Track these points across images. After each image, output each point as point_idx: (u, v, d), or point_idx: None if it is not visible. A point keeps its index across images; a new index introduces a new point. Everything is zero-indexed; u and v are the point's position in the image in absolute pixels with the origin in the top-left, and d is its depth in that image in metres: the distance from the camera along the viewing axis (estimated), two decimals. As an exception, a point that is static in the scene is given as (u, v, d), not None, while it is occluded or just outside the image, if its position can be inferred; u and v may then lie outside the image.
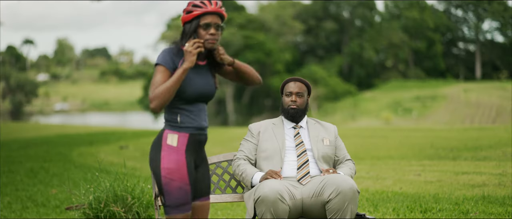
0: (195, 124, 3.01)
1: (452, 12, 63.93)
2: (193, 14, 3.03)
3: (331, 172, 4.07)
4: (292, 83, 4.22)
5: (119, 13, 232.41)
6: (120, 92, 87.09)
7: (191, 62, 2.92)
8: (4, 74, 69.40)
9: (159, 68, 2.96)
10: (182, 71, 2.91)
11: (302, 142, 4.15)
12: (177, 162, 2.93)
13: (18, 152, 14.83)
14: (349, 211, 3.81)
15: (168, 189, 2.93)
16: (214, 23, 3.02)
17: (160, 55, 3.01)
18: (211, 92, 3.06)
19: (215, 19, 3.02)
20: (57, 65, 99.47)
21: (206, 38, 3.00)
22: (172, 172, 2.92)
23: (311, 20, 60.23)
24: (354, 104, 48.49)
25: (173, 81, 2.89)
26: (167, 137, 2.98)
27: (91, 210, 5.32)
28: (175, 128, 2.98)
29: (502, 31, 61.07)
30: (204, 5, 3.02)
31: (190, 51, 2.94)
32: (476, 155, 11.26)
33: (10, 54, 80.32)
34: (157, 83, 2.90)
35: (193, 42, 2.97)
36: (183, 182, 2.94)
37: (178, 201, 2.94)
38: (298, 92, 4.18)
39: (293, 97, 4.17)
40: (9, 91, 70.12)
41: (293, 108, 4.18)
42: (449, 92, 46.71)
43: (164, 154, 2.94)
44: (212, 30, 3.01)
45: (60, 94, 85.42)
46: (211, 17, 3.01)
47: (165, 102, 2.87)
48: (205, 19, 3.01)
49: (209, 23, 3.00)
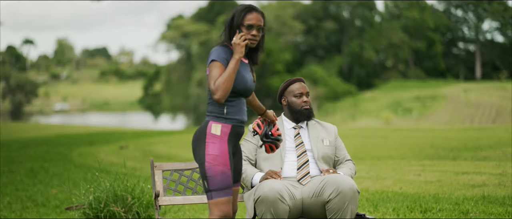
0: (237, 117, 3.28)
1: (452, 12, 63.92)
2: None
3: (331, 172, 4.07)
4: (298, 84, 4.24)
5: (119, 13, 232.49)
6: (120, 92, 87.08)
7: (241, 53, 3.21)
8: (4, 74, 69.40)
9: (215, 63, 3.20)
10: (235, 62, 3.19)
11: (302, 142, 4.15)
12: (220, 149, 3.21)
13: (18, 152, 14.83)
14: (349, 211, 3.81)
15: (212, 173, 3.20)
16: (257, 25, 3.31)
17: (213, 52, 3.24)
18: (253, 88, 3.41)
19: (258, 21, 3.31)
20: (57, 65, 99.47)
21: (248, 38, 3.28)
22: (216, 158, 3.20)
23: (311, 20, 60.21)
24: (354, 104, 48.49)
25: (230, 71, 3.17)
26: (211, 127, 3.24)
27: (91, 210, 5.32)
28: (220, 119, 3.25)
29: (502, 31, 61.05)
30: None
31: (239, 44, 3.22)
32: (476, 155, 11.26)
33: (10, 54, 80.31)
34: (215, 76, 3.16)
35: (240, 35, 3.24)
36: (225, 167, 3.21)
37: (222, 185, 3.20)
38: (307, 92, 4.24)
39: (305, 98, 4.22)
40: (9, 91, 70.12)
41: (307, 109, 4.22)
42: (449, 92, 46.71)
43: (208, 142, 3.22)
44: (254, 31, 3.30)
45: (60, 94, 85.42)
46: (255, 19, 3.30)
47: (227, 91, 3.15)
48: (249, 20, 3.29)
49: (252, 25, 3.28)
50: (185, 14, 70.67)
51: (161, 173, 4.33)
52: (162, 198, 4.27)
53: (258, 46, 3.40)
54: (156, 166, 4.32)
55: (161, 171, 4.34)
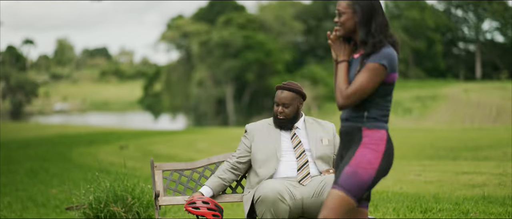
0: (341, 115, 3.16)
1: (452, 12, 63.89)
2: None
3: (331, 171, 4.07)
4: (279, 92, 4.18)
5: (119, 13, 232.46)
6: (120, 92, 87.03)
7: (333, 54, 3.07)
8: (4, 74, 69.37)
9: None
10: (334, 64, 3.09)
11: (300, 142, 4.14)
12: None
13: (18, 152, 14.83)
14: (349, 211, 3.81)
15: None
16: (337, 10, 3.06)
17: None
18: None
19: (338, 6, 3.06)
20: (57, 65, 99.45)
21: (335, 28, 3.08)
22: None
23: (311, 20, 60.17)
24: (354, 104, 48.43)
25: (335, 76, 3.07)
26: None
27: (91, 210, 5.32)
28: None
29: (502, 31, 61.01)
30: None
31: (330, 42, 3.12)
32: (477, 155, 11.26)
33: (10, 54, 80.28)
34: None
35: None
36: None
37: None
38: (284, 104, 4.14)
39: (280, 108, 4.15)
40: (9, 91, 70.09)
41: (280, 119, 4.17)
42: (449, 92, 46.69)
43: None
44: (336, 18, 3.07)
45: (60, 94, 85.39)
46: (337, 5, 3.06)
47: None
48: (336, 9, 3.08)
49: (335, 12, 3.07)
50: (185, 14, 70.64)
51: (161, 173, 4.33)
52: (162, 198, 4.27)
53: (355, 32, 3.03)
54: (156, 166, 4.32)
55: (161, 171, 4.33)
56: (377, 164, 2.95)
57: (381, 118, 3.00)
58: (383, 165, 2.96)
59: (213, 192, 4.14)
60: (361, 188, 2.94)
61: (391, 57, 2.97)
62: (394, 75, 3.01)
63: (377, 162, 2.95)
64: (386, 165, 2.98)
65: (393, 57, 2.98)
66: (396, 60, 3.00)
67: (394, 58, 2.98)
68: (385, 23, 3.02)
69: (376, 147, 2.97)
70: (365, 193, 2.97)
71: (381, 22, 3.00)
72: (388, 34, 3.02)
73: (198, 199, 3.95)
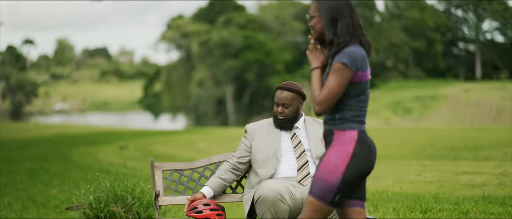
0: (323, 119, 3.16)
1: (452, 12, 63.89)
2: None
3: (331, 172, 4.07)
4: (279, 92, 4.18)
5: (119, 13, 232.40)
6: (120, 92, 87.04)
7: (312, 61, 3.09)
8: (4, 74, 69.36)
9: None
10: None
11: (300, 142, 4.14)
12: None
13: (18, 152, 14.83)
14: (349, 211, 3.81)
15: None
16: (308, 14, 3.13)
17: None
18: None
19: (310, 10, 3.13)
20: (57, 65, 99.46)
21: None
22: None
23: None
24: (354, 104, 48.45)
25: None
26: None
27: (91, 210, 5.32)
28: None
29: (502, 31, 61.00)
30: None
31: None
32: (476, 155, 11.25)
33: (10, 54, 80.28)
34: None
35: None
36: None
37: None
38: (284, 104, 4.14)
39: (280, 108, 4.15)
40: (9, 91, 70.09)
41: (279, 119, 4.17)
42: (449, 92, 46.68)
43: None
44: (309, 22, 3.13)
45: (60, 94, 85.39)
46: (310, 9, 3.14)
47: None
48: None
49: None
50: (185, 14, 70.63)
51: (161, 173, 4.33)
52: (162, 198, 4.27)
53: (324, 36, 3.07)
54: (156, 166, 4.32)
55: (161, 171, 4.33)
56: (343, 166, 2.91)
57: (353, 118, 2.97)
58: (353, 167, 2.92)
59: (214, 192, 4.14)
60: (329, 191, 2.92)
61: (354, 56, 2.94)
62: (361, 74, 2.96)
63: (343, 164, 2.91)
64: (358, 166, 2.93)
65: (357, 56, 2.95)
66: (361, 58, 2.96)
67: (358, 57, 2.95)
68: (354, 23, 3.01)
69: (343, 149, 2.93)
70: (336, 196, 2.92)
71: (349, 23, 3.00)
72: (359, 34, 3.01)
73: (198, 203, 3.94)
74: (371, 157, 2.98)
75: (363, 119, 3.01)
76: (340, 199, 2.95)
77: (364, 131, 2.99)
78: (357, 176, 2.94)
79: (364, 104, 3.00)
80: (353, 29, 3.00)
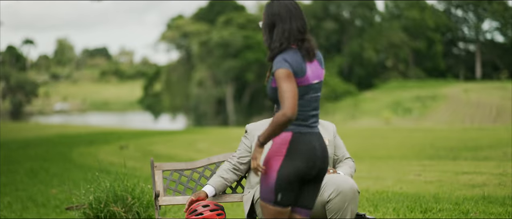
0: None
1: (452, 12, 63.87)
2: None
3: (331, 172, 4.06)
4: None
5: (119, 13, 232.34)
6: (120, 92, 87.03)
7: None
8: (4, 74, 69.35)
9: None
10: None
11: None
12: None
13: (18, 152, 14.83)
14: (349, 211, 3.80)
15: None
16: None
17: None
18: (268, 92, 3.16)
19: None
20: (57, 65, 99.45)
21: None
22: None
23: (311, 20, 60.19)
24: (354, 104, 48.47)
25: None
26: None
27: (91, 210, 5.32)
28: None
29: (502, 31, 60.98)
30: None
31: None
32: (476, 155, 11.25)
33: (10, 54, 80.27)
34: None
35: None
36: None
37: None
38: None
39: None
40: (9, 91, 70.09)
41: None
42: (449, 92, 46.68)
43: None
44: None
45: (60, 94, 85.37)
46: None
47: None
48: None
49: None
50: (185, 14, 70.61)
51: (161, 173, 4.33)
52: (162, 198, 4.27)
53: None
54: (156, 166, 4.32)
55: (161, 171, 4.33)
56: (277, 166, 2.97)
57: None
58: (286, 167, 2.97)
59: (216, 191, 4.14)
60: (270, 192, 2.99)
61: (288, 60, 2.98)
62: (295, 80, 3.00)
63: (277, 165, 2.97)
64: (293, 166, 2.98)
65: (291, 61, 2.99)
66: (295, 64, 2.99)
67: (291, 62, 2.99)
68: (291, 28, 3.04)
69: (278, 150, 3.00)
70: (278, 196, 2.99)
71: (286, 28, 3.03)
72: (297, 39, 3.05)
73: (197, 205, 3.94)
74: (309, 159, 3.01)
75: (304, 122, 3.02)
76: (284, 199, 3.00)
77: (303, 133, 3.02)
78: (292, 176, 2.98)
79: (302, 108, 3.02)
80: (289, 34, 3.02)
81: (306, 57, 3.04)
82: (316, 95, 3.06)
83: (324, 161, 3.07)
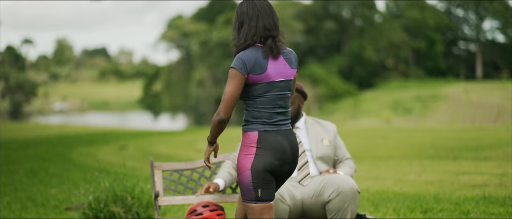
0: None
1: (452, 12, 63.89)
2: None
3: (331, 172, 4.05)
4: None
5: (119, 13, 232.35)
6: (119, 92, 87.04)
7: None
8: (4, 74, 69.34)
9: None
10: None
11: (301, 142, 4.13)
12: None
13: (18, 152, 14.81)
14: (349, 211, 3.79)
15: None
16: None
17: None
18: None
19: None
20: (56, 65, 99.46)
21: None
22: None
23: (311, 20, 60.14)
24: (354, 104, 48.47)
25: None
26: None
27: (91, 210, 5.31)
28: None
29: (503, 30, 60.99)
30: None
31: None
32: (477, 155, 11.24)
33: (9, 54, 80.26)
34: None
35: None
36: None
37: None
38: None
39: None
40: (9, 91, 70.08)
41: None
42: (450, 92, 46.68)
43: None
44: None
45: (59, 94, 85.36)
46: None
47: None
48: None
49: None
50: (185, 14, 70.62)
51: (161, 173, 4.31)
52: (162, 198, 4.25)
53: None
54: (156, 166, 4.31)
55: (161, 171, 4.32)
56: (249, 165, 3.05)
57: (254, 120, 3.09)
58: (259, 163, 3.04)
59: (225, 186, 4.15)
60: (249, 190, 3.07)
61: (243, 59, 3.04)
62: (253, 77, 3.05)
63: (249, 163, 3.05)
64: (263, 162, 3.04)
65: (246, 59, 3.04)
66: (251, 61, 3.04)
67: (247, 60, 3.04)
68: (257, 26, 3.09)
69: (247, 150, 3.07)
70: (258, 192, 3.06)
71: (252, 25, 3.09)
72: (263, 37, 3.08)
73: (197, 205, 3.93)
74: (279, 155, 3.06)
75: (268, 120, 3.08)
76: (265, 194, 3.07)
77: (268, 131, 3.07)
78: (266, 171, 3.05)
79: (265, 106, 3.07)
80: (255, 31, 3.08)
81: (269, 55, 3.07)
82: (283, 93, 3.10)
83: (294, 160, 3.13)
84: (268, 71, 3.05)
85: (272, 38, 3.09)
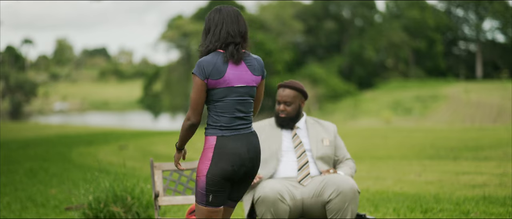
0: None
1: (452, 12, 63.87)
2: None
3: (331, 172, 4.05)
4: (281, 90, 4.17)
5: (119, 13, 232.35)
6: (119, 92, 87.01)
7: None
8: (4, 74, 69.33)
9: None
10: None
11: (301, 142, 4.12)
12: None
13: (18, 152, 14.80)
14: (349, 211, 3.79)
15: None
16: None
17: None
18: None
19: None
20: (56, 65, 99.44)
21: None
22: None
23: (311, 20, 60.14)
24: (354, 104, 48.45)
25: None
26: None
27: (91, 210, 5.30)
28: None
29: (503, 30, 60.98)
30: None
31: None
32: (477, 155, 11.23)
33: (9, 54, 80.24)
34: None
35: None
36: None
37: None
38: (286, 102, 4.13)
39: (282, 106, 4.14)
40: (9, 91, 70.07)
41: (281, 117, 4.15)
42: (450, 92, 46.67)
43: None
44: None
45: (59, 94, 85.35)
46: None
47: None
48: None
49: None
50: (185, 14, 70.57)
51: (161, 173, 4.31)
52: (162, 198, 4.25)
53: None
54: (156, 166, 4.30)
55: (161, 171, 4.32)
56: (205, 171, 3.14)
57: (213, 124, 3.18)
58: (213, 170, 3.13)
59: None
60: (202, 194, 3.17)
61: (201, 65, 3.13)
62: (212, 82, 3.12)
63: (205, 168, 3.15)
64: (219, 169, 3.12)
65: (204, 64, 3.12)
66: (210, 67, 3.11)
67: (205, 65, 3.12)
68: (221, 31, 3.16)
69: (206, 155, 3.17)
70: (208, 197, 3.14)
71: (217, 31, 3.18)
72: (226, 43, 3.15)
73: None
74: (234, 162, 3.13)
75: (227, 125, 3.15)
76: (215, 200, 3.16)
77: (226, 136, 3.15)
78: (220, 179, 3.13)
79: (223, 110, 3.14)
80: (219, 37, 3.16)
81: (229, 60, 3.13)
82: (242, 99, 3.16)
83: (252, 161, 3.18)
84: (226, 76, 3.12)
85: (235, 45, 3.15)
